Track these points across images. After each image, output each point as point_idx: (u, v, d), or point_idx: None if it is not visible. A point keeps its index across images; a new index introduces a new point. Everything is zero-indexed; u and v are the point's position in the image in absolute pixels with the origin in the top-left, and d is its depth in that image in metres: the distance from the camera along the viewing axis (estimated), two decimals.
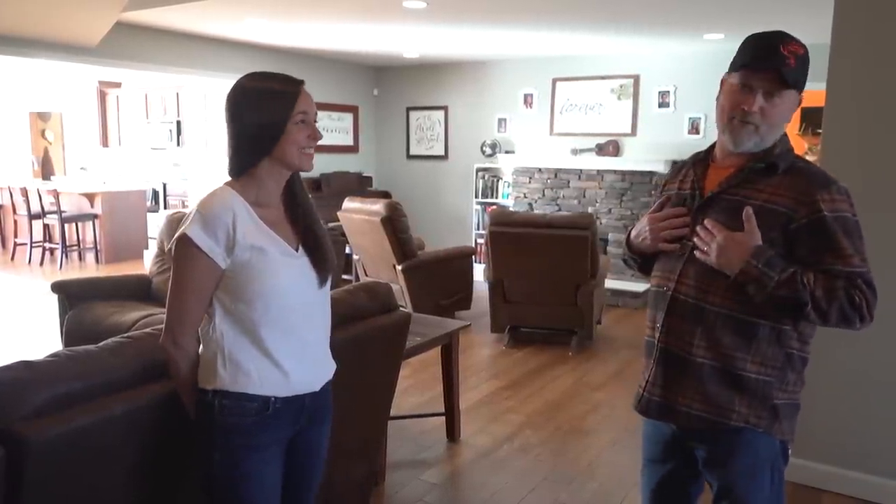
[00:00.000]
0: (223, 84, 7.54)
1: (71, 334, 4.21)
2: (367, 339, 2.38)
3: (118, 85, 10.82)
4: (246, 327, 1.60)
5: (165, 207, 10.89)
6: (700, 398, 1.65)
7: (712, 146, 1.75)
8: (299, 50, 7.66)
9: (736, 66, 1.63)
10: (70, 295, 4.37)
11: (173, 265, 1.59)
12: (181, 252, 1.57)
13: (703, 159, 1.75)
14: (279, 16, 5.75)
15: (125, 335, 1.80)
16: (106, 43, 6.09)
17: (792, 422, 1.71)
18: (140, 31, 6.44)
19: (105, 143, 11.19)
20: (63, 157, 11.53)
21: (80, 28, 5.51)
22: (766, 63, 1.57)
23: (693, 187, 1.71)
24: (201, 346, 1.64)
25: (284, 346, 1.64)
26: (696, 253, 1.63)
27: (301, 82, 1.65)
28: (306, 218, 1.72)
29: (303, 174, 1.72)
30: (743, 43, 1.63)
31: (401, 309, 2.67)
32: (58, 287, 4.39)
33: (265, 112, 1.59)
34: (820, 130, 10.74)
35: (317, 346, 1.75)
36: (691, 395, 1.66)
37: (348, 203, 6.21)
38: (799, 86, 1.62)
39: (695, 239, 1.63)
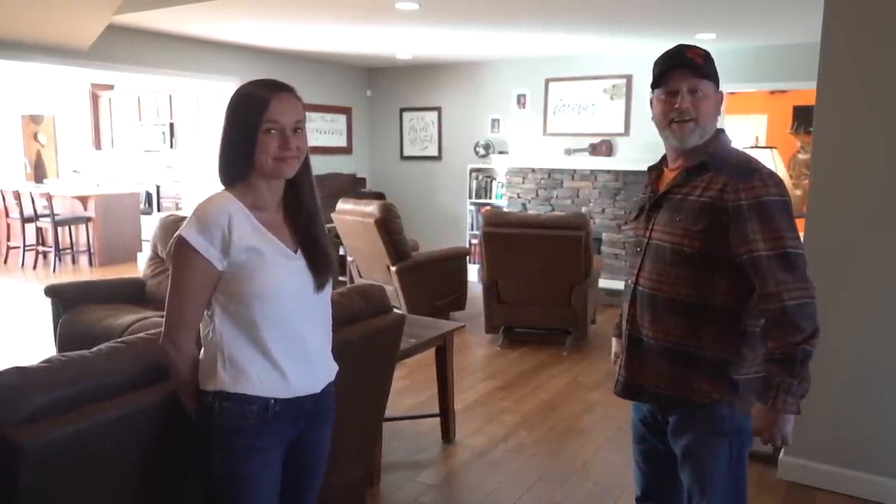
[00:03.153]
0: (216, 87, 7.54)
1: (64, 338, 4.20)
2: (361, 341, 2.38)
3: (111, 87, 10.79)
4: (244, 328, 1.61)
5: (159, 210, 10.86)
6: (663, 378, 1.82)
7: (665, 156, 1.93)
8: (292, 52, 7.66)
9: (656, 81, 1.81)
10: (63, 299, 4.36)
11: (171, 267, 1.60)
12: (178, 254, 1.58)
13: (657, 167, 1.94)
14: (271, 18, 5.75)
15: (119, 340, 1.80)
16: (98, 46, 6.07)
17: (749, 399, 1.77)
18: (132, 34, 6.42)
19: (98, 146, 11.16)
20: (56, 160, 11.49)
21: (72, 31, 5.50)
22: (679, 63, 1.77)
23: (649, 191, 1.91)
24: (202, 348, 1.65)
25: (283, 347, 1.64)
26: None
27: (280, 88, 1.63)
28: (308, 222, 1.72)
29: None
30: (654, 64, 1.82)
31: (395, 310, 2.68)
32: (51, 291, 4.37)
33: (239, 121, 1.60)
34: (812, 129, 10.74)
35: (317, 347, 1.74)
36: (655, 376, 1.83)
37: (342, 205, 6.22)
38: (713, 78, 1.80)
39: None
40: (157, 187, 10.74)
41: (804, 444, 3.27)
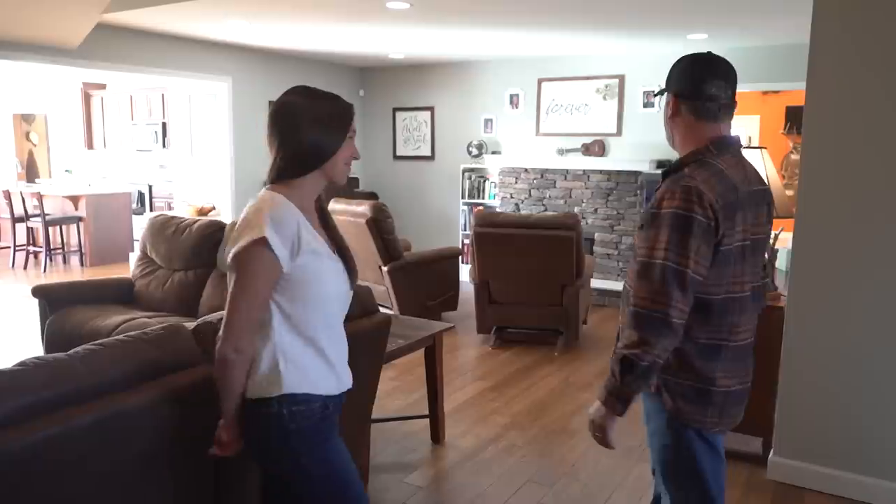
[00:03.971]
0: (208, 86, 7.50)
1: (52, 339, 4.17)
2: (357, 339, 2.36)
3: (103, 86, 10.74)
4: (301, 330, 1.65)
5: (151, 210, 10.82)
6: None
7: None
8: (284, 51, 7.63)
9: None
10: (51, 299, 4.33)
11: (240, 269, 1.58)
12: (254, 255, 1.57)
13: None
14: (261, 17, 5.72)
15: (97, 342, 1.78)
16: (87, 44, 6.04)
17: (694, 406, 1.77)
18: (122, 33, 6.39)
19: (90, 146, 11.10)
20: (48, 160, 11.42)
21: (61, 29, 5.46)
22: None
23: None
24: (258, 355, 1.64)
25: (333, 345, 1.73)
26: None
27: (352, 105, 1.76)
28: (335, 225, 1.83)
29: None
30: None
31: (384, 311, 2.66)
32: (38, 291, 4.34)
33: (325, 133, 1.66)
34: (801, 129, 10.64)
35: (347, 345, 1.84)
36: None
37: (334, 204, 6.19)
38: (668, 87, 1.88)
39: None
40: (150, 187, 10.70)
41: (793, 445, 3.26)
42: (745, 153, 3.32)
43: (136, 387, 1.73)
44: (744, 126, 12.17)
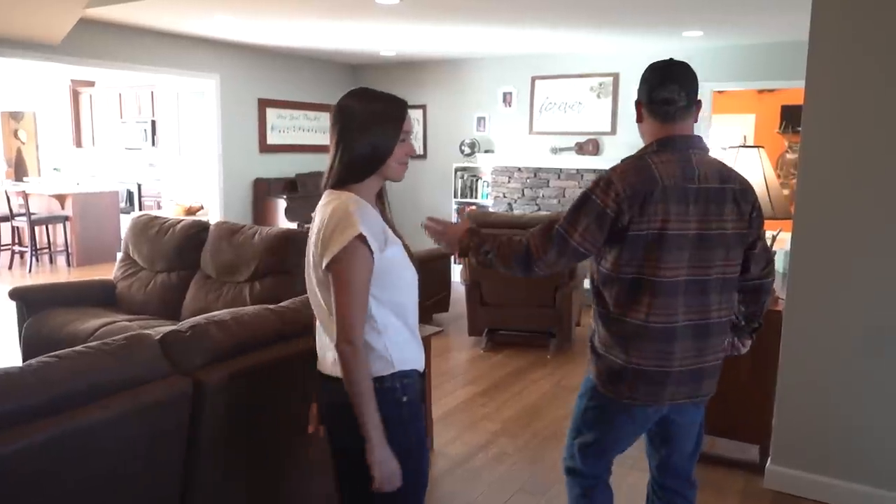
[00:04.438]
0: (195, 83, 7.38)
1: (29, 343, 4.05)
2: None
3: (91, 84, 10.59)
4: (397, 312, 1.78)
5: (140, 209, 10.68)
6: None
7: None
8: (274, 48, 7.51)
9: None
10: (28, 302, 4.21)
11: (344, 267, 1.65)
12: (356, 252, 1.66)
13: None
14: (248, 13, 5.60)
15: (52, 354, 1.66)
16: (73, 41, 5.91)
17: (608, 376, 2.01)
18: (107, 29, 6.26)
19: (78, 144, 10.96)
20: (37, 158, 11.27)
21: (42, 24, 5.33)
22: None
23: None
24: (368, 342, 1.73)
25: (417, 324, 1.87)
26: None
27: (405, 104, 1.82)
28: (391, 216, 1.92)
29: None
30: None
31: None
32: (15, 294, 4.22)
33: (379, 136, 1.73)
34: (800, 129, 10.63)
35: None
36: None
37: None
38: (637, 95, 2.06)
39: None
40: (139, 185, 10.56)
41: (791, 453, 3.17)
42: (742, 153, 3.23)
43: (97, 402, 1.62)
44: (739, 125, 12.10)
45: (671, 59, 2.03)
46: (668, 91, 1.95)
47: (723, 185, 1.95)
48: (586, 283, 6.22)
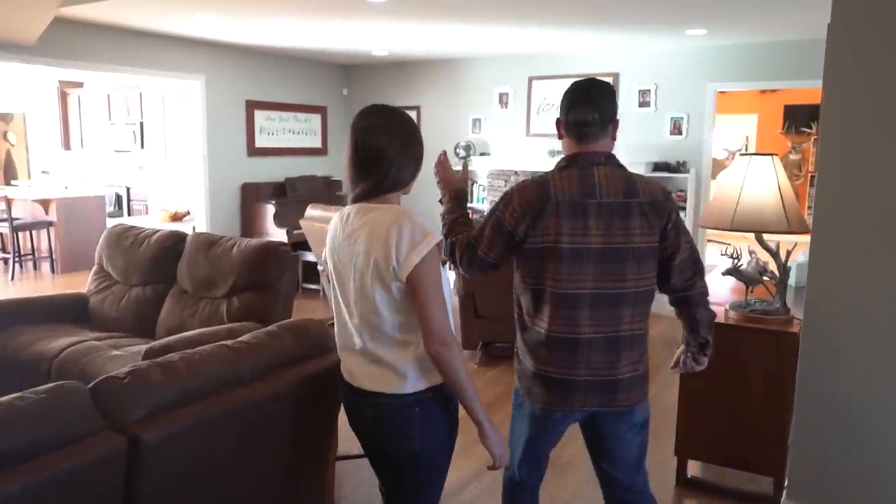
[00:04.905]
0: (181, 85, 7.13)
1: None
2: (297, 387, 2.01)
3: (80, 85, 10.35)
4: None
5: (129, 213, 10.44)
6: None
7: None
8: (263, 48, 7.26)
9: None
10: None
11: (430, 272, 1.72)
12: (435, 258, 1.74)
13: None
14: (231, 12, 5.36)
15: None
16: (49, 41, 5.66)
17: (523, 380, 2.14)
18: (85, 29, 6.01)
19: (67, 146, 10.72)
20: (27, 160, 11.01)
21: (15, 24, 5.08)
22: None
23: None
24: (417, 348, 1.78)
25: None
26: None
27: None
28: None
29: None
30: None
31: None
32: None
33: (419, 153, 1.87)
34: (804, 129, 10.37)
35: None
36: None
37: (311, 211, 5.81)
38: None
39: None
40: (128, 189, 10.31)
41: (808, 487, 2.93)
42: (754, 161, 2.97)
43: (14, 468, 1.37)
44: (741, 125, 11.87)
45: (590, 80, 2.12)
46: (581, 113, 2.03)
47: (627, 200, 2.01)
48: None
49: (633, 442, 2.20)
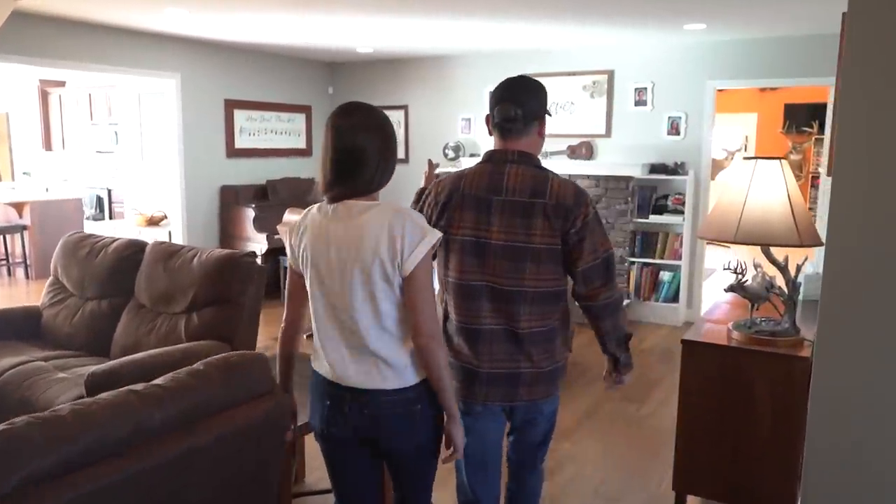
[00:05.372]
0: (156, 83, 6.81)
1: None
2: (230, 437, 1.70)
3: (62, 84, 10.03)
4: None
5: (111, 216, 10.12)
6: None
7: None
8: (243, 45, 6.94)
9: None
10: None
11: (426, 271, 1.77)
12: (430, 254, 1.79)
13: None
14: (202, 6, 5.04)
15: None
16: (13, 36, 5.33)
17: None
18: (52, 24, 5.68)
19: (48, 147, 10.39)
20: (10, 161, 10.68)
21: None
22: None
23: None
24: (406, 344, 1.83)
25: None
26: None
27: None
28: None
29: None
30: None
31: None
32: None
33: (396, 149, 1.91)
34: (805, 128, 10.03)
35: None
36: None
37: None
38: None
39: None
40: (109, 191, 9.99)
41: None
42: (760, 166, 2.68)
43: None
44: (740, 125, 11.59)
45: (518, 77, 2.14)
46: (505, 111, 2.06)
47: (532, 200, 2.02)
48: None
49: (539, 427, 2.28)
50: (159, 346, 3.42)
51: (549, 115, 2.17)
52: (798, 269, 2.76)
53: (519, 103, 2.05)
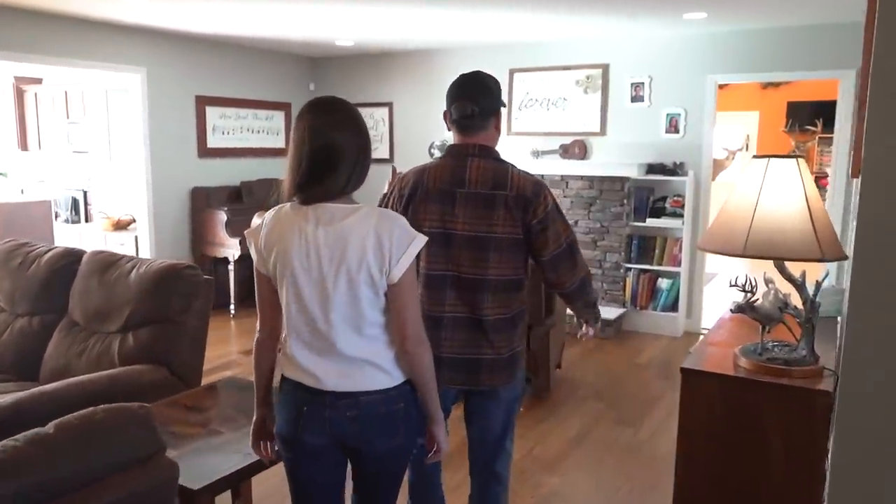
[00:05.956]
0: (122, 78, 6.40)
1: None
2: None
3: (38, 81, 9.64)
4: None
5: (87, 219, 9.74)
6: None
7: None
8: (214, 37, 6.54)
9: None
10: None
11: (413, 274, 1.77)
12: (416, 264, 1.83)
13: None
14: None
15: None
16: None
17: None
18: (5, 12, 5.27)
19: (24, 146, 9.99)
20: None
21: None
22: None
23: None
24: (393, 344, 1.82)
25: None
26: None
27: None
28: None
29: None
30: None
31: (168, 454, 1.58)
32: None
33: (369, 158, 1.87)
34: (808, 127, 9.57)
35: None
36: None
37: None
38: None
39: None
40: (85, 193, 9.59)
41: None
42: (773, 166, 2.29)
43: None
44: (741, 123, 11.23)
45: (473, 73, 2.21)
46: (461, 107, 2.14)
47: (493, 192, 2.11)
48: (570, 311, 5.28)
49: (498, 415, 2.31)
50: (90, 370, 3.03)
51: (504, 105, 2.24)
52: (817, 285, 2.36)
53: (474, 101, 2.13)
